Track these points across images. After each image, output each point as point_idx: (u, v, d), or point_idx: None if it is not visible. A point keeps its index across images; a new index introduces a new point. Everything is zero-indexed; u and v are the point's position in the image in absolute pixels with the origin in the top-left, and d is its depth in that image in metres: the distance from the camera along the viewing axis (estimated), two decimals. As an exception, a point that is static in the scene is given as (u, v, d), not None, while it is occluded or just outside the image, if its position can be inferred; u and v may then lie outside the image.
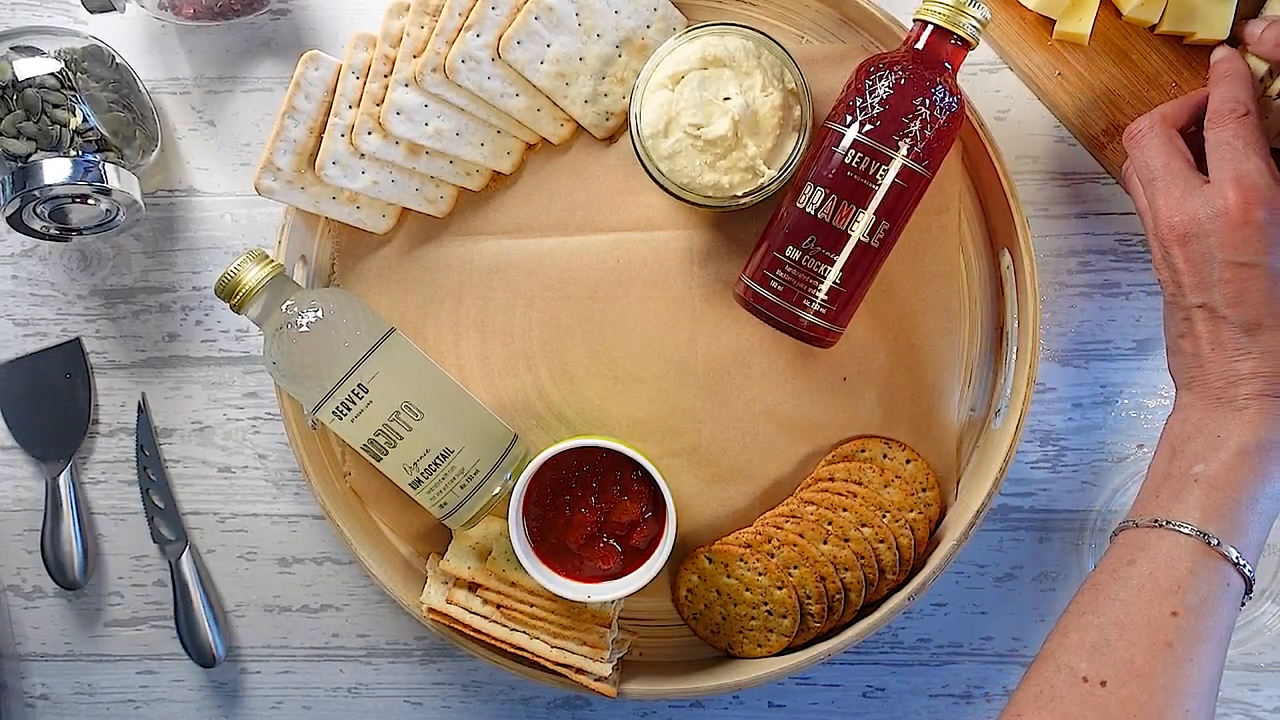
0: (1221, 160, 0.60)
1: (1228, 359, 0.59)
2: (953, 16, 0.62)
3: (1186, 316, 0.61)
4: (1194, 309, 0.60)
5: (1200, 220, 0.59)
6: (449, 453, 0.67)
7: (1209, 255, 0.59)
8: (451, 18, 0.68)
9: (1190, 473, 0.58)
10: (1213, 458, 0.58)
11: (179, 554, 0.77)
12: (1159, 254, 0.62)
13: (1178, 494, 0.58)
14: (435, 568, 0.72)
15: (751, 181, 0.65)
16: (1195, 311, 0.60)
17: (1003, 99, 0.73)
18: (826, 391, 0.72)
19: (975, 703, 0.76)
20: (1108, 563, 0.59)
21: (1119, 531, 0.60)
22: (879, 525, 0.69)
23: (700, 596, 0.72)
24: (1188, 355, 0.61)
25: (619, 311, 0.72)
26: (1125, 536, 0.60)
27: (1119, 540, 0.60)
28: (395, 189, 0.71)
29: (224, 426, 0.77)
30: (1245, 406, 0.58)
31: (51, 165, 0.67)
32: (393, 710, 0.78)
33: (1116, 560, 0.59)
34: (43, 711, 0.80)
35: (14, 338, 0.77)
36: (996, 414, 0.70)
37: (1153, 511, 0.59)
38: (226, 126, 0.76)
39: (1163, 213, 0.61)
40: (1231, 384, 0.59)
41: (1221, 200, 0.59)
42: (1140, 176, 0.63)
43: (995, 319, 0.72)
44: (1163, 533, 0.57)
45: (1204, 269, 0.59)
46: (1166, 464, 0.60)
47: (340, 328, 0.66)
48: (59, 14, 0.76)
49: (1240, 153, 0.60)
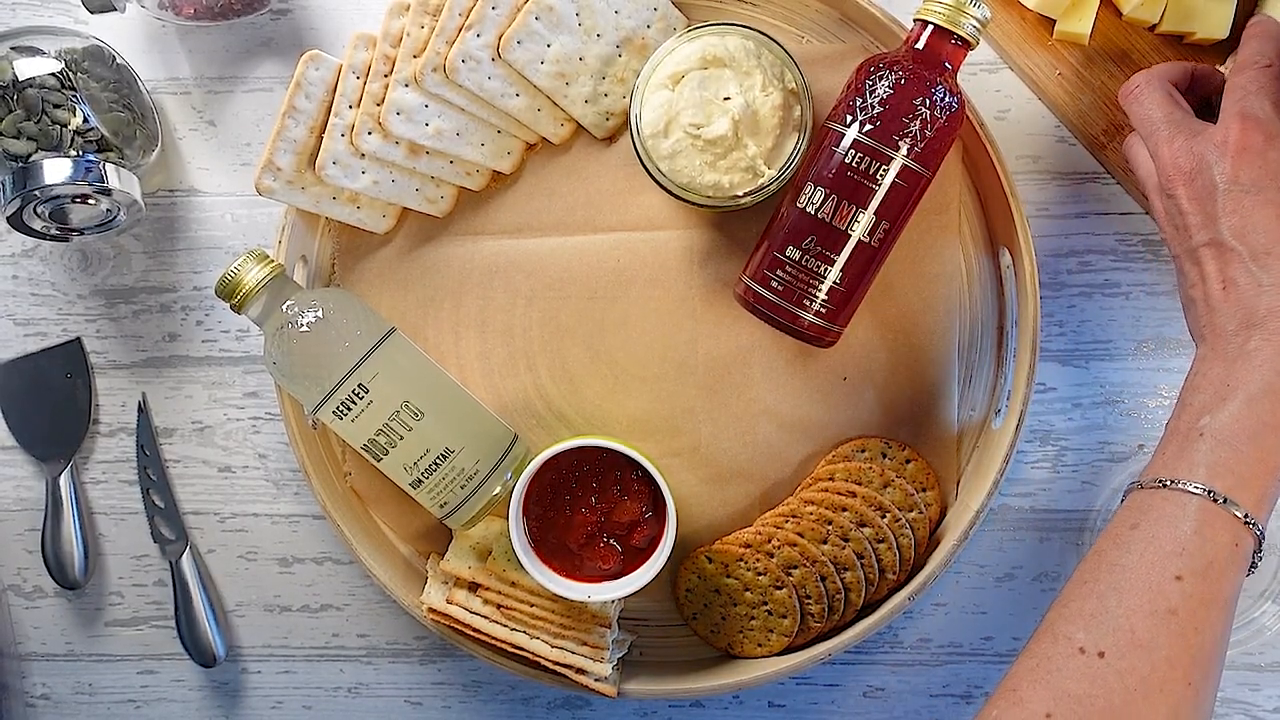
0: (1231, 101, 0.59)
1: (1239, 298, 0.56)
2: (953, 16, 0.62)
3: (1195, 260, 0.58)
4: (1201, 249, 0.58)
5: (1203, 155, 0.58)
6: (449, 453, 0.67)
7: (1212, 187, 0.57)
8: (452, 18, 0.68)
9: (1196, 426, 0.55)
10: (1220, 409, 0.55)
11: (179, 554, 0.77)
12: (1162, 206, 0.60)
13: (1183, 450, 0.55)
14: (435, 568, 0.72)
15: (751, 181, 0.65)
16: (1203, 251, 0.58)
17: (1003, 99, 0.73)
18: (826, 391, 0.72)
19: (975, 703, 0.76)
20: (1111, 528, 0.56)
21: (1126, 493, 0.58)
22: (879, 525, 0.69)
23: (700, 596, 0.72)
24: (1199, 305, 0.58)
25: (619, 311, 0.72)
26: (1130, 499, 0.57)
27: (1124, 504, 0.57)
28: (395, 189, 0.71)
29: (224, 426, 0.77)
30: (1258, 350, 0.55)
31: (52, 165, 0.67)
32: (393, 710, 0.78)
33: (1120, 525, 0.56)
34: (43, 711, 0.80)
35: (14, 338, 0.77)
36: (996, 414, 0.70)
37: (1157, 471, 0.56)
38: (227, 126, 0.76)
39: (1165, 158, 0.60)
40: (1245, 326, 0.56)
41: (1223, 133, 0.58)
42: (1141, 131, 0.62)
43: (995, 319, 0.72)
44: (1167, 493, 0.55)
45: (1208, 202, 0.58)
46: (1176, 419, 0.57)
47: (340, 328, 0.66)
48: (59, 14, 0.76)
49: (1252, 95, 0.59)
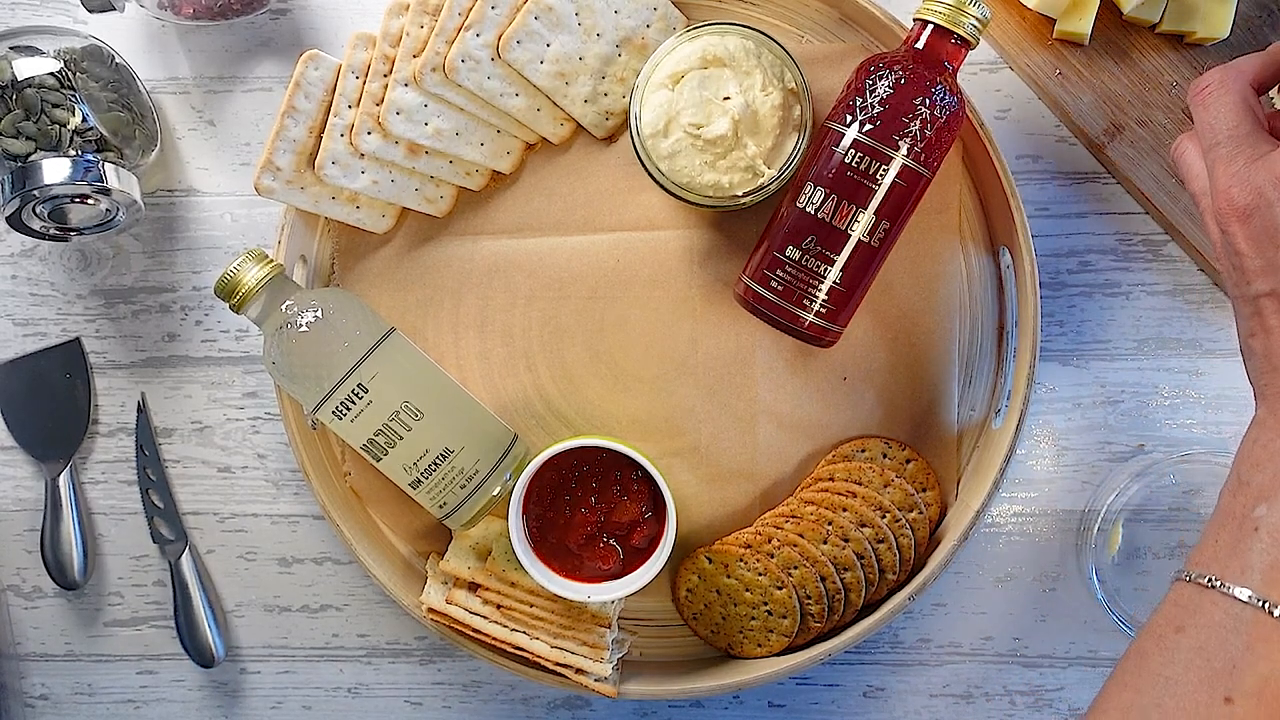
0: None
1: None
2: (953, 16, 0.62)
3: (1255, 310, 0.51)
4: (1262, 298, 0.51)
5: (1261, 190, 0.50)
6: (449, 453, 0.67)
7: (1273, 229, 0.49)
8: (451, 17, 0.68)
9: (1252, 516, 0.49)
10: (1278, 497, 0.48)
11: (179, 554, 0.77)
12: (1218, 236, 0.53)
13: (1237, 544, 0.49)
14: (435, 568, 0.72)
15: (751, 181, 0.65)
16: (1264, 302, 0.50)
17: (1003, 99, 0.73)
18: (826, 391, 0.72)
19: (975, 703, 0.76)
20: (1155, 624, 0.50)
21: (1174, 581, 0.51)
22: (879, 525, 0.69)
23: (700, 596, 0.72)
24: (1259, 357, 0.51)
25: (619, 311, 0.72)
26: (1176, 592, 0.50)
27: (1170, 597, 0.51)
28: (395, 189, 0.71)
29: (224, 426, 0.77)
30: None
31: (51, 165, 0.67)
32: (393, 710, 0.78)
33: (1165, 624, 0.50)
34: (43, 711, 0.80)
35: (14, 338, 0.77)
36: (996, 414, 0.70)
37: (1207, 564, 0.49)
38: (226, 126, 0.76)
39: (1221, 184, 0.52)
40: None
41: None
42: (1203, 140, 0.54)
43: (995, 319, 0.72)
44: (1217, 596, 0.48)
45: (1269, 248, 0.50)
46: (1231, 496, 0.50)
47: (340, 328, 0.66)
48: (59, 14, 0.76)
49: None
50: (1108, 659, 0.75)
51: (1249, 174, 0.50)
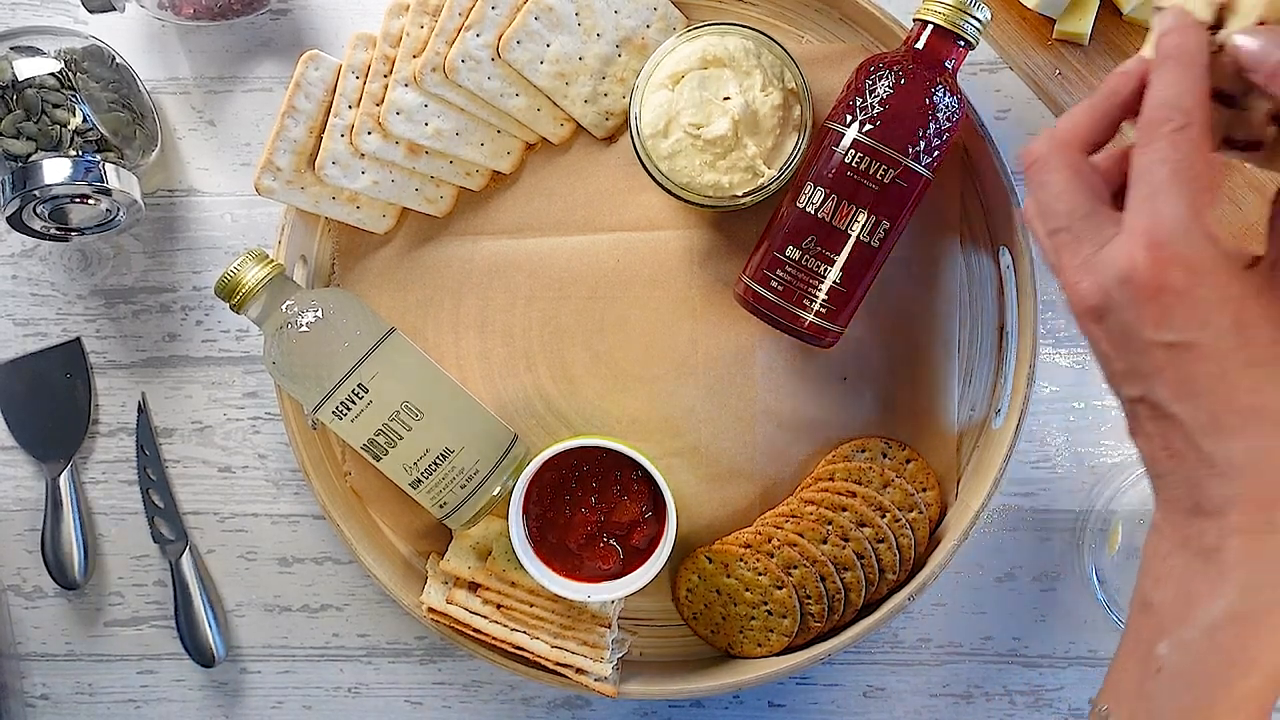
0: (1137, 200, 0.44)
1: (1188, 476, 0.44)
2: (953, 16, 0.62)
3: (1132, 413, 0.47)
4: (1136, 404, 0.46)
5: (1109, 291, 0.44)
6: (449, 453, 0.67)
7: (1130, 333, 0.44)
8: (451, 18, 0.68)
9: (1155, 655, 0.45)
10: (1178, 631, 0.44)
11: (179, 554, 0.77)
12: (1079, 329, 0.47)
13: (1141, 686, 0.45)
14: (435, 568, 0.72)
15: (751, 181, 0.65)
16: (1138, 408, 0.46)
17: (1003, 99, 0.73)
18: (826, 391, 0.72)
19: (975, 703, 0.76)
20: None
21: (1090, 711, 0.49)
22: (879, 525, 0.69)
23: (700, 596, 0.72)
24: (1145, 458, 0.47)
25: (619, 311, 0.72)
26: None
27: None
28: (395, 189, 0.71)
29: (224, 426, 0.77)
30: (1218, 548, 0.43)
31: (51, 165, 0.67)
32: (393, 710, 0.78)
33: None
34: (43, 711, 0.80)
35: (14, 338, 0.77)
36: (996, 414, 0.70)
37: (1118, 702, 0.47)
38: (226, 126, 0.76)
39: (1070, 278, 0.46)
40: (1198, 513, 0.44)
41: (1127, 260, 0.43)
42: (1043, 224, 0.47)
43: (995, 319, 0.72)
44: None
45: (1129, 352, 0.45)
46: (1137, 617, 0.47)
47: (340, 328, 0.66)
48: (59, 14, 0.76)
49: (1162, 189, 0.43)
50: (1107, 659, 0.74)
51: (1095, 268, 0.45)
